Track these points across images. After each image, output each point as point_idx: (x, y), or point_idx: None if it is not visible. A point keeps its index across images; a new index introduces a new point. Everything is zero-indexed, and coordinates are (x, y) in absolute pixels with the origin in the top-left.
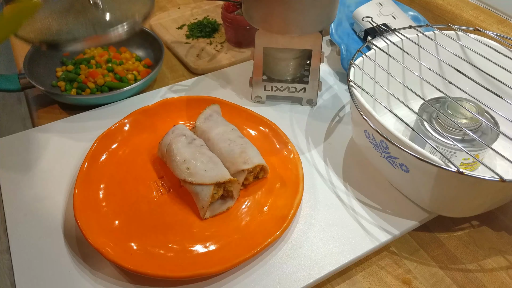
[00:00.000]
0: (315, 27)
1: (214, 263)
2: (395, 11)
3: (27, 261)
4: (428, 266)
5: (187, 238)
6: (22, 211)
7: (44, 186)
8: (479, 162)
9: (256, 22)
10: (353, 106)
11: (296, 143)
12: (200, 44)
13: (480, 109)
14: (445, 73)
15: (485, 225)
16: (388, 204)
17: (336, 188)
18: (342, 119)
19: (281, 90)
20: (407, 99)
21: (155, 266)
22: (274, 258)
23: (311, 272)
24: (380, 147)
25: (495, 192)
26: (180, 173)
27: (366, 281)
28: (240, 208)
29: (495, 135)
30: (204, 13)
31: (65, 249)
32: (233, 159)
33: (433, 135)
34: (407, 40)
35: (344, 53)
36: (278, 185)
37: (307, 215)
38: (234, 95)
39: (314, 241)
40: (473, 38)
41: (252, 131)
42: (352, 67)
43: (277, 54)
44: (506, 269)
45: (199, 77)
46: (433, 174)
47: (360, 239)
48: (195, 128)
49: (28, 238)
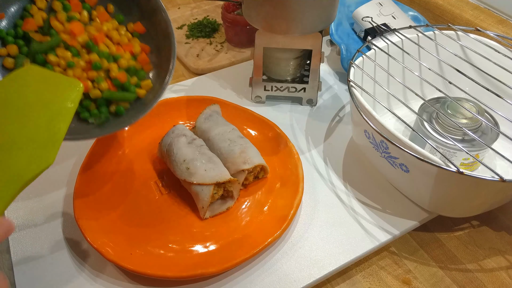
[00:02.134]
0: (315, 27)
1: (214, 263)
2: (395, 11)
3: (27, 261)
4: (428, 266)
5: (187, 238)
6: (22, 211)
7: (44, 186)
8: (479, 162)
9: (256, 22)
10: (353, 106)
11: (296, 143)
12: (200, 44)
13: (480, 109)
14: (445, 73)
15: (485, 225)
16: (388, 204)
17: (336, 188)
18: (342, 119)
19: (281, 90)
20: (407, 99)
21: (155, 266)
22: (274, 258)
23: (311, 272)
24: (380, 147)
25: (495, 192)
26: (180, 173)
27: (366, 281)
28: (240, 208)
29: (495, 135)
30: (204, 13)
31: (65, 249)
32: (233, 159)
33: (433, 135)
34: (407, 40)
35: (344, 53)
36: (278, 185)
37: (307, 215)
38: (234, 95)
39: (314, 241)
40: (473, 38)
41: (252, 131)
42: (352, 67)
43: (277, 54)
44: (506, 269)
45: (199, 77)
46: (433, 174)
47: (360, 239)
48: (195, 128)
49: (28, 238)
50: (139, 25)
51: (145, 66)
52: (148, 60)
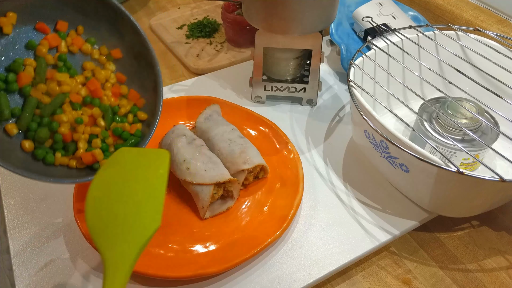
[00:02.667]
0: (315, 27)
1: (214, 263)
2: (395, 11)
3: (27, 261)
4: (428, 266)
5: (187, 238)
6: (22, 211)
7: (44, 186)
8: (479, 162)
9: (256, 22)
10: (353, 106)
11: (296, 143)
12: (200, 44)
13: (480, 109)
14: (445, 73)
15: (485, 225)
16: (388, 204)
17: (336, 188)
18: (342, 119)
19: (281, 90)
20: (407, 99)
21: (155, 266)
22: (274, 258)
23: (311, 272)
24: (380, 147)
25: (495, 192)
26: (180, 173)
27: (366, 281)
28: (240, 208)
29: (495, 135)
30: (204, 13)
31: (65, 249)
32: (233, 159)
33: (433, 135)
34: (407, 40)
35: (344, 53)
36: (278, 185)
37: (307, 215)
38: (234, 95)
39: (314, 241)
40: (473, 38)
41: (252, 131)
42: (352, 67)
43: (277, 54)
44: (506, 269)
45: (199, 77)
46: (433, 174)
47: (360, 239)
48: (195, 128)
49: (28, 238)
50: (117, 51)
51: (137, 102)
52: (138, 95)
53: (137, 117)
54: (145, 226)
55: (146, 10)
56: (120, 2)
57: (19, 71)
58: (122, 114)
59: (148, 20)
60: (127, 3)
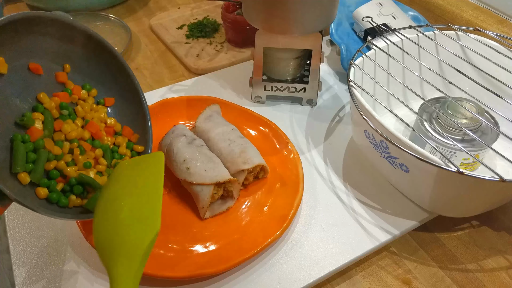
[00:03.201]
0: (315, 27)
1: (214, 263)
2: (395, 11)
3: (27, 261)
4: (428, 266)
5: (187, 238)
6: (22, 211)
7: None
8: (479, 162)
9: (256, 22)
10: (353, 106)
11: (296, 143)
12: (200, 44)
13: (480, 109)
14: (445, 73)
15: (485, 225)
16: (388, 204)
17: (336, 188)
18: (342, 119)
19: (281, 90)
20: (407, 99)
21: (155, 266)
22: (274, 258)
23: (311, 272)
24: (380, 147)
25: (495, 192)
26: (180, 173)
27: (366, 281)
28: (240, 208)
29: (495, 135)
30: (204, 13)
31: (65, 249)
32: (233, 159)
33: (433, 135)
34: (407, 40)
35: (344, 53)
36: (278, 185)
37: (307, 215)
38: (234, 95)
39: (314, 241)
40: (473, 38)
41: (252, 131)
42: (352, 67)
43: (277, 54)
44: (506, 269)
45: (199, 77)
46: (433, 174)
47: (360, 239)
48: (195, 128)
49: (28, 238)
50: (111, 100)
51: (131, 138)
52: (131, 131)
53: (134, 151)
54: (147, 228)
55: (146, 10)
56: (120, 3)
57: (31, 125)
58: (122, 152)
59: (148, 20)
60: (127, 3)
